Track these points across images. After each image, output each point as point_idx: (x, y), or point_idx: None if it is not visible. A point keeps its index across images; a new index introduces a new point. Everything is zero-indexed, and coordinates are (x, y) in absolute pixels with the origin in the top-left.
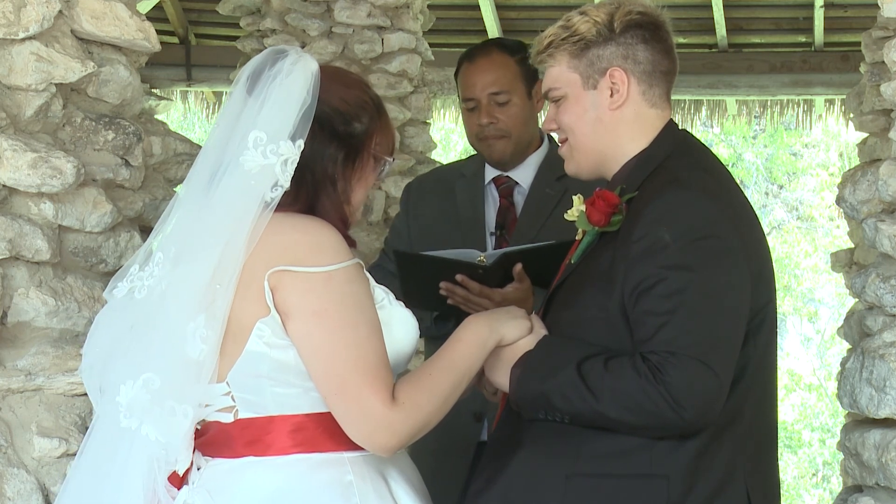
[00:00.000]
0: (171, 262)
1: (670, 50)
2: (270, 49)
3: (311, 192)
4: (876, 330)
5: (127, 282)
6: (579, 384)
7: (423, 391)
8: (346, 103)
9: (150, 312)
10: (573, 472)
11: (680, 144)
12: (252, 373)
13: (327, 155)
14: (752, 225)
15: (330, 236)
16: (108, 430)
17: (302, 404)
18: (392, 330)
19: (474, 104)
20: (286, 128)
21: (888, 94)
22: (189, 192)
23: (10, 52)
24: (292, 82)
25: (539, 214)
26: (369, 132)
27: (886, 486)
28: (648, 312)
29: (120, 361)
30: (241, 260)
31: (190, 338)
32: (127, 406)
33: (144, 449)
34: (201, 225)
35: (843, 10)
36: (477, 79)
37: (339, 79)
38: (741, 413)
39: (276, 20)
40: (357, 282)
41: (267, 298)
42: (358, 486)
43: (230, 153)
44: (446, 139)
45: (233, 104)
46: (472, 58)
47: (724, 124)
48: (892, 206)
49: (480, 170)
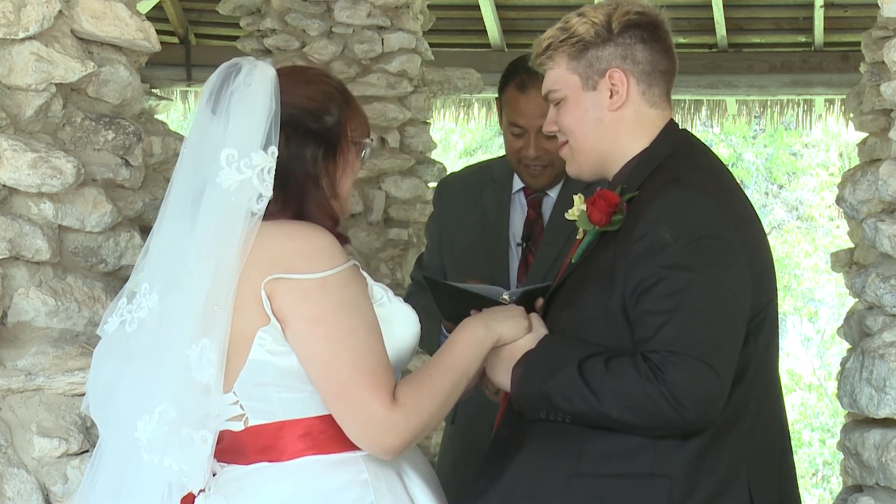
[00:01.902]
0: (157, 292)
1: (669, 49)
2: (224, 65)
3: (296, 196)
4: (876, 330)
5: (116, 316)
6: (580, 384)
7: (424, 392)
8: (312, 100)
9: (147, 344)
10: (575, 471)
11: (680, 144)
12: (258, 381)
13: (306, 156)
14: (753, 224)
15: (323, 241)
16: (126, 464)
17: (310, 408)
18: (393, 327)
19: (521, 132)
20: (256, 139)
21: (888, 94)
22: (168, 218)
23: (10, 52)
24: (253, 93)
25: (566, 227)
26: (342, 121)
27: (886, 486)
28: (649, 312)
29: (127, 396)
30: (235, 277)
31: (195, 363)
32: (147, 441)
33: (164, 477)
34: (187, 250)
35: (843, 10)
36: (528, 110)
37: (299, 76)
38: (743, 413)
39: (276, 20)
40: (353, 285)
41: (265, 307)
42: (373, 484)
43: (205, 175)
44: (446, 139)
45: (199, 125)
46: (524, 88)
47: (724, 124)
48: (892, 206)
49: (510, 176)
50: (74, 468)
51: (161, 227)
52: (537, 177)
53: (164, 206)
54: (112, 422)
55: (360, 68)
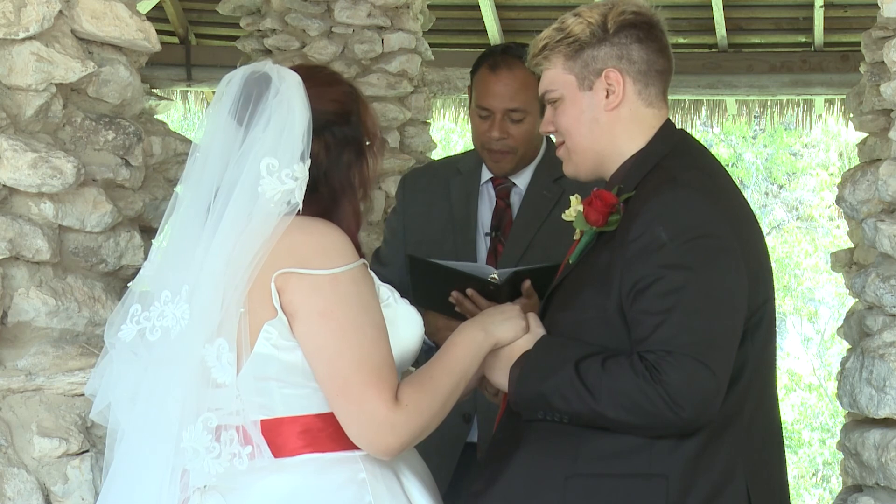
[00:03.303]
0: (185, 300)
1: (665, 49)
2: (246, 74)
3: (327, 200)
4: (876, 330)
5: (132, 323)
6: (577, 384)
7: (426, 393)
8: (338, 102)
9: (176, 351)
10: (573, 472)
11: (677, 144)
12: (260, 375)
13: (343, 161)
14: (750, 224)
15: (336, 238)
16: (155, 469)
17: (311, 405)
18: (398, 328)
19: (488, 114)
20: (297, 149)
21: (888, 94)
22: (181, 225)
23: (11, 52)
24: (289, 101)
25: (536, 217)
26: (362, 118)
27: (886, 486)
28: (645, 311)
29: (158, 405)
30: (248, 278)
31: (214, 363)
32: (194, 450)
33: (193, 482)
34: (211, 255)
35: (843, 10)
36: (496, 90)
37: (319, 79)
38: (740, 412)
39: (276, 20)
40: (363, 283)
41: (274, 300)
42: (371, 483)
43: (238, 182)
44: (446, 139)
45: (219, 133)
46: (495, 68)
47: (724, 124)
48: (892, 206)
49: (477, 167)
50: (74, 468)
51: (173, 234)
52: (499, 162)
53: (175, 212)
54: (145, 429)
55: (360, 68)
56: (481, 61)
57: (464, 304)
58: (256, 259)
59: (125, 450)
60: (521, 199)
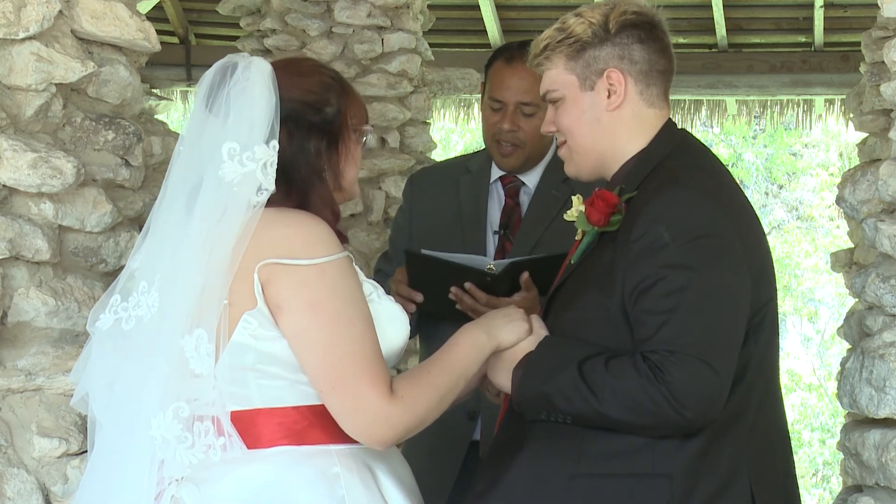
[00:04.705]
0: (157, 290)
1: (667, 49)
2: (219, 63)
3: (300, 189)
4: (876, 330)
5: (110, 313)
6: (580, 384)
7: (422, 387)
8: (311, 92)
9: (148, 341)
10: (576, 472)
11: (679, 144)
12: (237, 365)
13: (310, 150)
14: (752, 223)
15: (320, 229)
16: (133, 461)
17: (288, 396)
18: (381, 325)
19: (500, 106)
20: (257, 132)
21: (888, 94)
22: (162, 215)
23: (11, 52)
24: (252, 87)
25: (544, 216)
26: (342, 111)
27: (886, 486)
28: (648, 311)
29: (133, 394)
30: (231, 267)
31: (192, 354)
32: (163, 439)
33: (171, 472)
34: (181, 243)
35: (843, 10)
36: (510, 83)
37: (294, 69)
38: (744, 412)
39: (276, 20)
40: (349, 275)
41: (256, 290)
42: (345, 477)
43: (202, 170)
44: (446, 139)
45: (195, 123)
46: (511, 61)
47: (724, 124)
48: (892, 206)
49: (487, 166)
50: (74, 468)
51: (155, 224)
52: (507, 156)
53: (159, 204)
54: (121, 419)
55: (360, 68)
56: (497, 55)
57: (463, 299)
58: (236, 248)
59: (103, 441)
60: (530, 198)
